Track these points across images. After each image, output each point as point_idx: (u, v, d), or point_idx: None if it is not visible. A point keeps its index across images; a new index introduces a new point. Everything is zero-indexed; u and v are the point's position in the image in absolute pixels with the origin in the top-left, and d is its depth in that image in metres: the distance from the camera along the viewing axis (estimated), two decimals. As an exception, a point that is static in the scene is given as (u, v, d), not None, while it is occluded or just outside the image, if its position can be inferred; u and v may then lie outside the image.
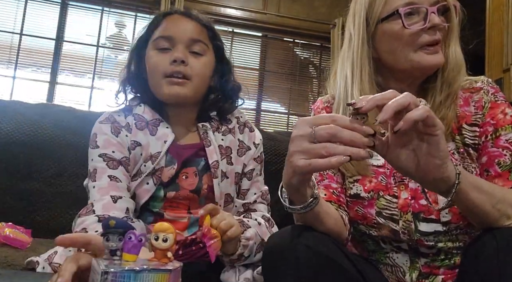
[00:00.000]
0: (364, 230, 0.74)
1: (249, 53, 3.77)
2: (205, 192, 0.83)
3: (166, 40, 0.83)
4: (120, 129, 0.83)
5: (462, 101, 0.74)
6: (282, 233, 0.63)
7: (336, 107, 0.76)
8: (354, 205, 0.74)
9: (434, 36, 0.69)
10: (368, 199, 0.72)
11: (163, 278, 0.51)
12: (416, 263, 0.72)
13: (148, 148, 0.81)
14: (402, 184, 0.72)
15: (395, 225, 0.71)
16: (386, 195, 0.72)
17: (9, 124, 1.20)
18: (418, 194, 0.70)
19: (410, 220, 0.70)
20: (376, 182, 0.73)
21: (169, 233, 0.53)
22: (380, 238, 0.73)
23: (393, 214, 0.71)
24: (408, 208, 0.71)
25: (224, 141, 0.87)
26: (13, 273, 0.74)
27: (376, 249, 0.75)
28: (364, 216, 0.73)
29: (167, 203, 0.82)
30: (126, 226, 0.57)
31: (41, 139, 1.19)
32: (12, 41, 3.28)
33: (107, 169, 0.79)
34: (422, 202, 0.70)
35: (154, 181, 0.80)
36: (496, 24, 2.20)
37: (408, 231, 0.70)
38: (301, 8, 3.77)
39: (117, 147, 0.81)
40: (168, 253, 0.54)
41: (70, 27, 3.42)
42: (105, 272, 0.49)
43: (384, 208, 0.72)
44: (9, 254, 0.84)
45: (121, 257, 0.54)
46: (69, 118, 1.26)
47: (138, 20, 3.55)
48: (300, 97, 3.85)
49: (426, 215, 0.69)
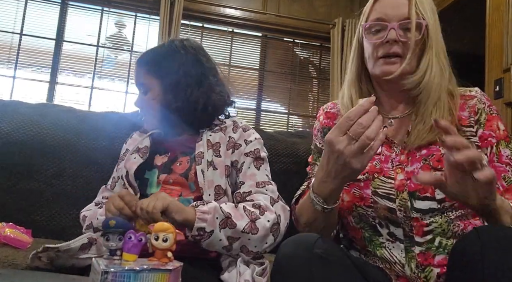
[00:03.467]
0: (362, 212, 0.78)
1: (249, 53, 3.77)
2: (192, 176, 0.91)
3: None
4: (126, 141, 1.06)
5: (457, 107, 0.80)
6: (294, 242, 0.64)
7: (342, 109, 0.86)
8: (351, 187, 0.79)
9: (390, 49, 0.77)
10: (364, 180, 0.78)
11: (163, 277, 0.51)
12: (411, 252, 0.74)
13: (135, 141, 0.99)
14: (399, 168, 0.78)
15: (391, 203, 0.76)
16: (381, 176, 0.78)
17: (9, 124, 1.20)
18: (414, 174, 0.76)
19: (406, 198, 0.75)
20: (370, 165, 0.78)
21: (169, 233, 0.54)
22: (377, 222, 0.77)
23: (389, 193, 0.76)
24: (404, 188, 0.76)
25: (213, 137, 0.96)
26: (13, 273, 0.74)
27: (373, 236, 0.78)
28: (361, 197, 0.78)
29: (161, 189, 0.91)
30: (126, 226, 0.57)
31: (41, 139, 1.19)
32: (12, 41, 3.28)
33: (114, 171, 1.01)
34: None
35: (140, 155, 0.95)
36: (496, 24, 2.20)
37: (404, 208, 0.74)
38: (301, 8, 3.77)
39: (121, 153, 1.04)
40: (168, 253, 0.54)
41: (70, 27, 3.42)
42: (105, 271, 0.49)
43: (379, 187, 0.77)
44: (10, 254, 0.84)
45: (121, 256, 0.54)
46: (69, 118, 1.26)
47: (138, 20, 3.55)
48: (300, 97, 3.85)
49: (421, 193, 0.74)
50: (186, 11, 3.40)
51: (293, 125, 3.81)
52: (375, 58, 0.79)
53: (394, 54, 0.77)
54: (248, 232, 0.80)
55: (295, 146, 1.31)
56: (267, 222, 0.82)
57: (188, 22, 3.55)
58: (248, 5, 3.66)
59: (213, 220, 0.77)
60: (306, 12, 3.76)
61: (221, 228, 0.78)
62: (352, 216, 0.80)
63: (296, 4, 3.76)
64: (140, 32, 3.53)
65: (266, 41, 3.82)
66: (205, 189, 0.87)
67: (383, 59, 0.78)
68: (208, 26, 3.65)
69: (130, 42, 3.53)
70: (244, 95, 3.74)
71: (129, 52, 3.51)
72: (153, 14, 3.49)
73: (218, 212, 0.79)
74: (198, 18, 3.56)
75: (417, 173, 0.75)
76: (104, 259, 0.55)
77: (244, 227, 0.80)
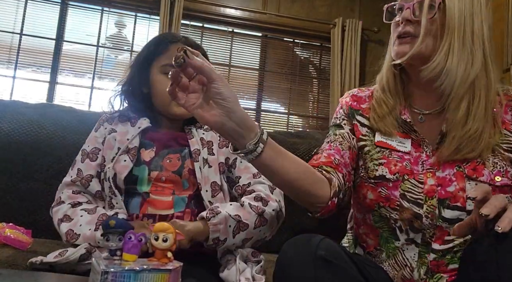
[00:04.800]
0: (385, 213, 0.75)
1: (249, 53, 3.77)
2: (186, 174, 0.91)
3: (173, 67, 0.93)
4: (101, 125, 0.99)
5: (501, 107, 0.74)
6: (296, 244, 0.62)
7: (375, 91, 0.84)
8: (378, 186, 0.75)
9: (403, 29, 0.74)
10: (393, 181, 0.74)
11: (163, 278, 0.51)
12: (425, 258, 0.72)
13: (124, 134, 0.94)
14: (429, 172, 0.73)
15: (418, 209, 0.72)
16: (412, 179, 0.73)
17: (9, 124, 1.20)
18: (446, 181, 0.71)
19: (435, 205, 0.71)
20: (401, 166, 0.75)
21: (169, 233, 0.53)
22: (397, 225, 0.74)
23: (417, 198, 0.72)
24: (434, 194, 0.72)
25: (205, 135, 0.98)
26: (14, 273, 0.74)
27: (390, 238, 0.75)
28: (388, 198, 0.74)
29: (153, 187, 0.90)
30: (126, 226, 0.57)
31: (41, 139, 1.19)
32: (12, 41, 3.28)
33: (79, 162, 0.95)
34: (449, 189, 0.71)
35: (131, 158, 0.90)
36: (496, 24, 2.20)
37: (431, 216, 0.71)
38: (301, 8, 3.77)
39: (91, 141, 0.97)
40: (168, 253, 0.54)
41: (70, 27, 3.41)
42: (105, 272, 0.49)
43: (409, 191, 0.73)
44: (10, 254, 0.84)
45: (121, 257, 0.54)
46: (69, 118, 1.26)
47: (138, 20, 3.55)
48: (300, 97, 3.85)
49: (452, 202, 0.70)
50: (186, 11, 3.39)
51: (293, 125, 3.81)
52: (394, 38, 0.76)
53: (406, 34, 0.73)
54: (259, 226, 0.85)
55: (295, 146, 1.30)
56: (272, 211, 0.87)
57: (188, 22, 3.55)
58: (248, 5, 3.66)
59: (226, 229, 0.81)
60: (306, 12, 3.76)
61: (235, 234, 0.82)
62: (372, 215, 0.78)
63: (296, 4, 3.76)
64: (140, 32, 3.53)
65: (266, 41, 3.82)
66: (203, 185, 0.89)
67: (397, 40, 0.75)
68: (208, 26, 3.65)
69: (130, 42, 3.53)
70: (244, 95, 3.74)
71: (129, 52, 3.51)
72: (153, 14, 3.49)
73: (229, 220, 0.81)
74: (198, 18, 3.56)
75: (450, 179, 0.71)
76: (104, 259, 0.55)
77: (255, 222, 0.84)
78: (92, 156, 0.95)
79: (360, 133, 0.82)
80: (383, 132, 0.78)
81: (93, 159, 0.94)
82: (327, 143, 0.82)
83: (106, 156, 0.93)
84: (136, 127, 0.95)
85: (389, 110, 0.79)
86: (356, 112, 0.84)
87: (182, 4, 3.34)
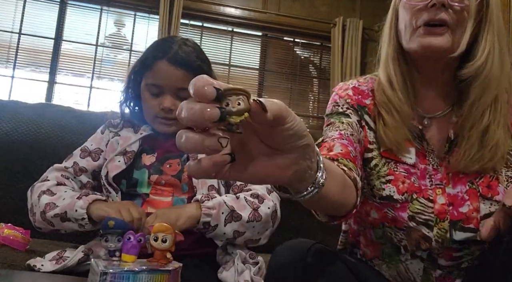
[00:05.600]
0: (389, 233, 0.67)
1: (249, 53, 3.76)
2: (185, 178, 0.92)
3: (155, 88, 0.92)
4: (107, 128, 1.01)
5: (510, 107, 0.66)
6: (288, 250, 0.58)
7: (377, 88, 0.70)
8: (384, 207, 0.66)
9: (435, 15, 0.59)
10: (401, 202, 0.65)
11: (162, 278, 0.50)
12: (430, 275, 0.66)
13: (127, 139, 0.95)
14: (439, 188, 0.65)
15: (428, 231, 0.64)
16: (421, 198, 0.65)
17: (8, 124, 1.19)
18: (457, 200, 0.64)
19: (446, 228, 0.63)
20: (409, 182, 0.65)
21: (168, 234, 0.53)
22: (402, 244, 0.67)
23: (427, 219, 0.64)
24: (445, 215, 0.64)
25: None
26: (12, 274, 0.73)
27: (393, 253, 0.69)
28: (394, 219, 0.66)
29: (153, 190, 0.91)
30: (125, 226, 0.57)
31: (40, 139, 1.18)
32: (11, 40, 3.28)
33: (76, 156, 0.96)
34: (462, 209, 0.63)
35: (125, 160, 0.92)
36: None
37: (442, 240, 0.64)
38: (301, 7, 3.76)
39: (96, 140, 0.99)
40: (167, 253, 0.53)
41: (69, 26, 3.41)
42: (104, 272, 0.49)
43: (418, 212, 0.65)
44: (9, 254, 0.84)
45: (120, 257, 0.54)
46: (68, 118, 1.25)
47: (137, 19, 3.54)
48: (300, 97, 3.84)
49: (465, 224, 0.63)
50: (185, 10, 3.39)
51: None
52: (413, 27, 0.61)
53: (440, 22, 0.59)
54: (253, 220, 0.84)
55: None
56: (267, 209, 0.86)
57: (188, 21, 3.54)
58: (248, 4, 3.65)
59: (218, 215, 0.81)
60: (306, 11, 3.75)
61: (227, 222, 0.81)
62: (373, 230, 0.70)
63: (296, 3, 3.76)
64: (140, 31, 3.52)
65: (266, 40, 3.81)
66: (199, 188, 0.89)
67: (424, 27, 0.60)
68: (208, 26, 3.64)
69: (129, 42, 3.52)
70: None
71: (128, 52, 3.50)
72: (152, 13, 3.48)
73: (223, 207, 0.82)
74: (197, 17, 3.55)
75: (462, 198, 0.63)
76: (103, 260, 0.54)
77: (249, 215, 0.83)
78: (94, 156, 0.96)
79: (367, 141, 0.69)
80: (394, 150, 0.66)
81: (95, 158, 0.95)
82: (336, 130, 0.67)
83: (107, 158, 0.94)
84: (138, 133, 0.97)
85: (402, 119, 0.66)
86: (363, 109, 0.71)
87: (182, 3, 3.34)
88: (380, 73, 0.70)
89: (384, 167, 0.68)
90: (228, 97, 0.31)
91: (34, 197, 0.88)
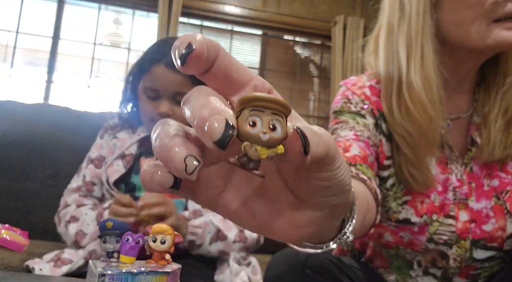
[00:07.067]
0: (403, 253, 0.63)
1: (249, 52, 3.75)
2: None
3: (152, 92, 0.91)
4: (106, 132, 1.00)
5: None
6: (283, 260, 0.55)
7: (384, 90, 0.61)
8: (400, 230, 0.61)
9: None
10: (419, 225, 0.60)
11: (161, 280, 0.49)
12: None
13: (125, 141, 0.95)
14: (461, 203, 0.60)
15: (446, 248, 0.60)
16: (441, 217, 0.60)
17: (5, 124, 1.18)
18: (481, 217, 0.59)
19: (467, 247, 0.59)
20: (429, 202, 0.60)
21: (167, 235, 0.52)
22: (416, 260, 0.63)
23: (448, 239, 0.60)
24: (467, 234, 0.59)
25: None
26: (10, 275, 0.72)
27: (404, 267, 0.64)
28: (411, 242, 0.61)
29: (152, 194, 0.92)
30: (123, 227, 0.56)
31: (37, 140, 1.18)
32: (8, 39, 3.26)
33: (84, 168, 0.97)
34: (486, 227, 0.59)
35: (124, 164, 0.91)
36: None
37: (461, 259, 0.60)
38: (301, 6, 3.75)
39: (96, 147, 0.98)
40: (166, 255, 0.52)
41: (67, 25, 3.39)
42: (102, 274, 0.48)
43: (438, 233, 0.60)
44: (6, 256, 0.83)
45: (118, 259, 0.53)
46: (65, 118, 1.25)
47: (135, 17, 3.53)
48: (300, 97, 3.83)
49: (487, 242, 0.59)
50: (185, 8, 3.37)
51: (293, 124, 3.80)
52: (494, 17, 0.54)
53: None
54: (239, 241, 0.85)
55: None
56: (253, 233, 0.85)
57: (187, 19, 3.53)
58: (248, 3, 3.64)
59: (203, 234, 0.82)
60: (307, 10, 3.74)
61: (212, 242, 0.83)
62: (385, 251, 0.65)
63: (296, 2, 3.74)
64: (138, 30, 3.51)
65: (266, 39, 3.80)
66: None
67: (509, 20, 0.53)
68: (207, 24, 3.63)
69: (127, 40, 3.51)
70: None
71: (127, 50, 3.49)
72: (151, 12, 3.47)
73: (210, 226, 0.83)
74: (197, 15, 3.54)
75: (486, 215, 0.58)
76: (101, 261, 0.53)
77: (234, 236, 0.85)
78: (97, 163, 0.96)
79: (384, 157, 0.62)
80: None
81: (98, 166, 0.96)
82: (351, 130, 0.60)
83: (108, 162, 0.94)
84: (136, 135, 0.96)
85: (432, 127, 0.57)
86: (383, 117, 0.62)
87: (181, 2, 3.32)
88: (417, 78, 0.57)
89: (400, 185, 0.61)
90: (256, 112, 0.19)
91: (62, 227, 0.90)
